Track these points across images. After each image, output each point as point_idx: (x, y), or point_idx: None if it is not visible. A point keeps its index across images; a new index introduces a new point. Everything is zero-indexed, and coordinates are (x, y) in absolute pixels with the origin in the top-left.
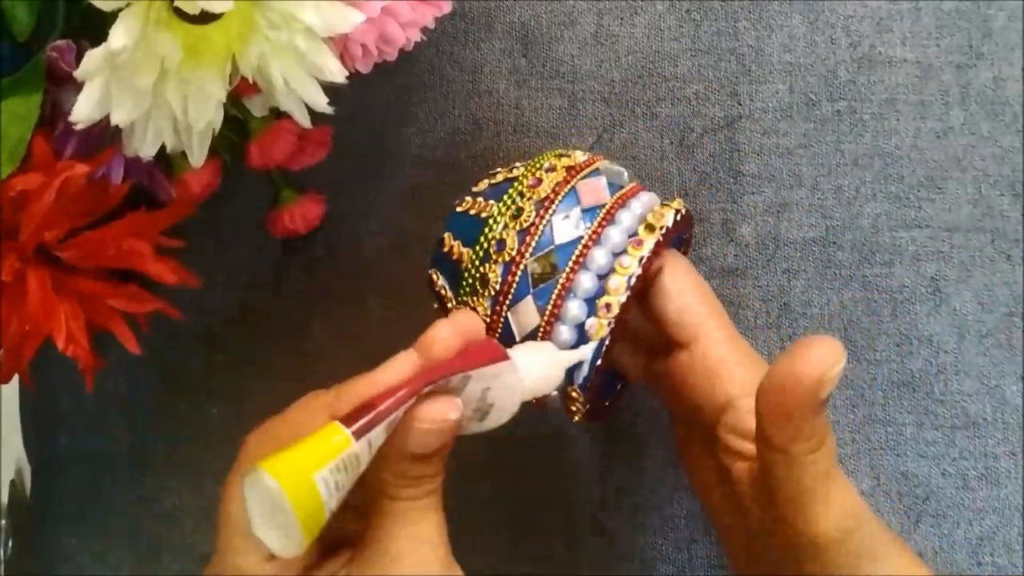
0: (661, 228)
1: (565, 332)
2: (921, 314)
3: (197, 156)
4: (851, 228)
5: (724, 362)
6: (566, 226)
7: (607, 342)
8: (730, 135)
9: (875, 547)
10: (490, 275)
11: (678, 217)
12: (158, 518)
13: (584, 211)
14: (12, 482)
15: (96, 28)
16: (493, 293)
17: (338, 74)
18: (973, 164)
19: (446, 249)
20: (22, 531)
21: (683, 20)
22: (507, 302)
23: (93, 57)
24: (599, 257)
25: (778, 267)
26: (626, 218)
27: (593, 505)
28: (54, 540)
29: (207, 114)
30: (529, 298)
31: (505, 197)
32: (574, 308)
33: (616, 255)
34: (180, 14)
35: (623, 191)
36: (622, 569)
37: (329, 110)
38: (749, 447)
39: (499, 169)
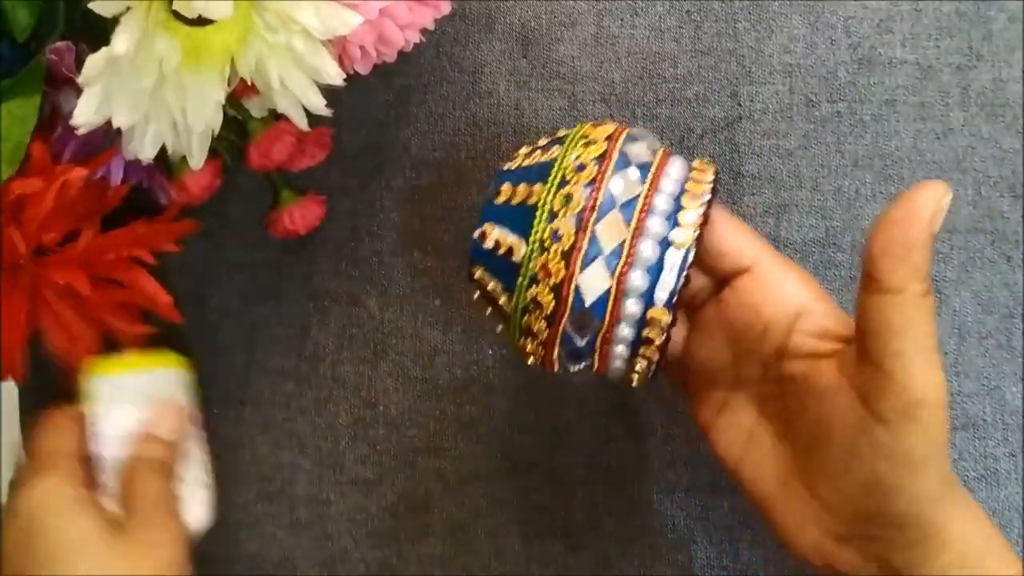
0: (714, 167)
1: (648, 249)
2: None
3: (196, 158)
4: (851, 229)
5: (791, 275)
6: (638, 153)
7: (693, 251)
8: (730, 136)
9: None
10: (573, 194)
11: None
12: None
13: (639, 167)
14: (12, 483)
15: (96, 30)
16: (578, 210)
17: (336, 76)
18: (973, 165)
19: (503, 199)
20: None
21: (683, 21)
22: (593, 217)
23: (95, 62)
24: (668, 185)
25: None
26: (680, 161)
27: (593, 507)
28: None
29: (206, 116)
30: (615, 214)
31: (570, 137)
32: (656, 224)
33: (684, 184)
34: (179, 17)
35: (661, 152)
36: (622, 569)
37: (327, 112)
38: (832, 345)
39: (541, 139)
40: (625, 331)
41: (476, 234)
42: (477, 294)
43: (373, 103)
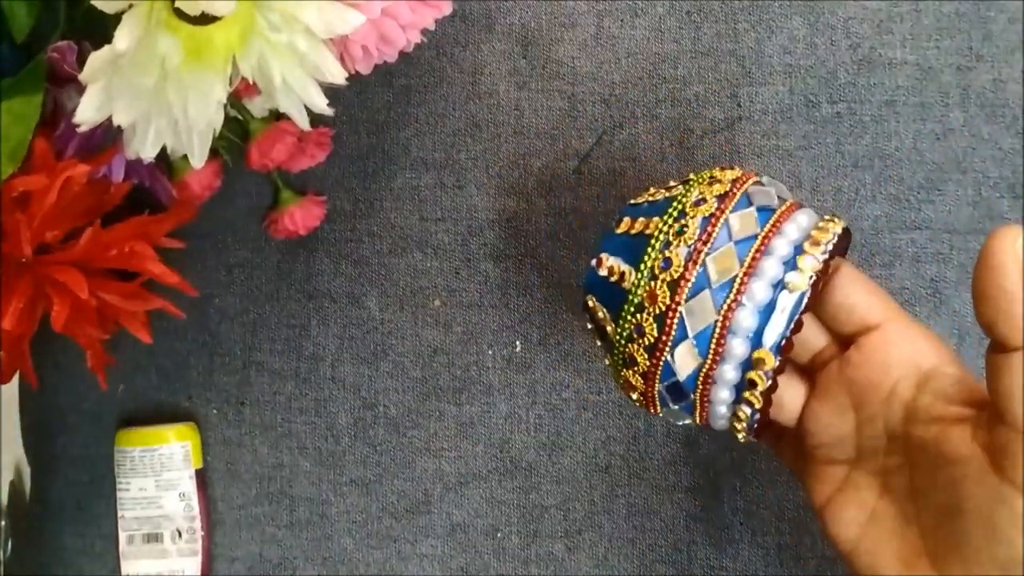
0: (838, 226)
1: (759, 290)
2: (921, 316)
3: (198, 157)
4: (851, 230)
5: (921, 334)
6: (762, 197)
7: (808, 297)
8: (730, 137)
9: None
10: (688, 225)
11: (845, 228)
12: None
13: (759, 210)
14: (12, 483)
15: (97, 29)
16: (691, 241)
17: (338, 75)
18: (973, 166)
19: (623, 228)
20: (22, 532)
21: (683, 22)
22: (706, 248)
23: (97, 59)
24: (792, 231)
25: None
26: (808, 212)
27: (593, 507)
28: (53, 541)
29: (208, 115)
30: (729, 249)
31: (694, 179)
32: (771, 267)
33: (807, 234)
34: (181, 15)
35: (789, 203)
36: (622, 569)
37: (329, 111)
38: (961, 411)
39: (652, 189)
40: (729, 372)
41: (593, 262)
42: (589, 324)
43: (373, 103)
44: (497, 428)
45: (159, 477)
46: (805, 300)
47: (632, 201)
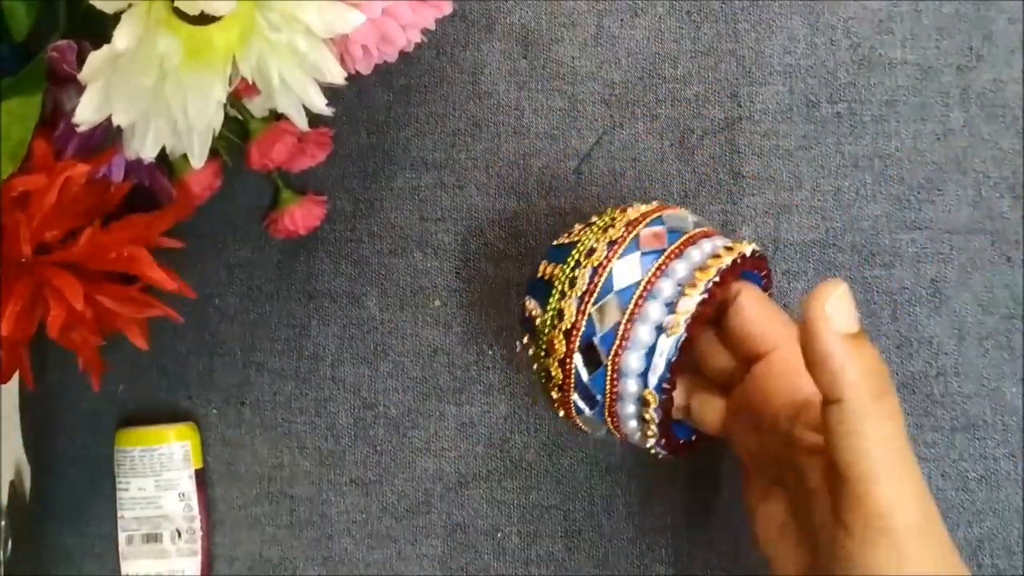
0: (739, 251)
1: (643, 332)
2: (921, 316)
3: (197, 157)
4: (851, 230)
5: (802, 364)
6: (650, 240)
7: (682, 339)
8: (730, 137)
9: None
10: (578, 277)
11: (755, 253)
12: None
13: (669, 231)
14: (12, 483)
15: (97, 29)
16: (579, 293)
17: (338, 75)
18: (973, 166)
19: (540, 273)
20: (22, 532)
21: (683, 22)
22: (591, 300)
23: (96, 59)
24: (681, 270)
25: (778, 269)
26: (708, 245)
27: (593, 507)
28: (54, 541)
29: (207, 115)
30: (612, 298)
31: (597, 221)
32: (654, 311)
33: (698, 270)
34: (180, 15)
35: (703, 229)
36: (622, 570)
37: (328, 112)
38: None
39: (592, 217)
40: (629, 408)
41: (521, 302)
42: (528, 355)
43: (373, 103)
44: (497, 428)
45: (159, 477)
46: (680, 342)
47: (556, 241)
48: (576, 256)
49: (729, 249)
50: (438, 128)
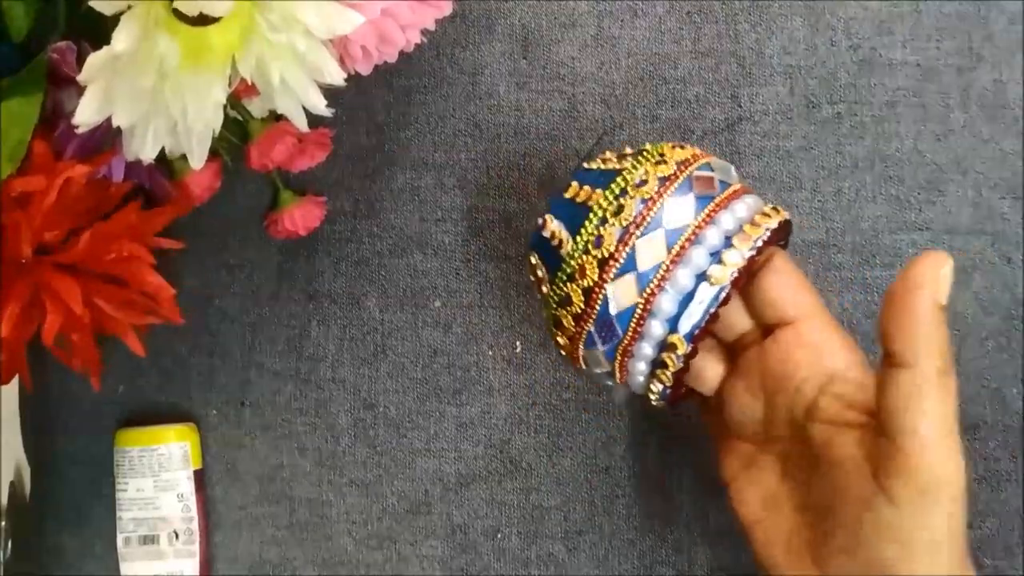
0: (782, 215)
1: (684, 276)
2: None
3: (197, 158)
4: (851, 231)
5: (834, 336)
6: (703, 184)
7: (726, 292)
8: (730, 137)
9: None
10: (626, 205)
11: (787, 220)
12: None
13: (719, 181)
14: (11, 483)
15: (97, 29)
16: (625, 223)
17: (337, 76)
18: (973, 167)
19: (570, 194)
20: (21, 532)
21: (684, 22)
22: (638, 232)
23: (95, 60)
24: (727, 221)
25: None
26: (751, 200)
27: (593, 508)
28: (53, 542)
29: (207, 116)
30: (660, 235)
31: (644, 153)
32: (698, 256)
33: (742, 225)
34: (180, 16)
35: (743, 185)
36: (622, 571)
37: (328, 112)
38: (857, 416)
39: (627, 148)
40: (646, 349)
41: (539, 221)
42: (531, 278)
43: (373, 104)
44: (497, 429)
45: (157, 477)
46: (723, 294)
47: (585, 165)
48: (623, 184)
49: (774, 211)
50: (438, 128)
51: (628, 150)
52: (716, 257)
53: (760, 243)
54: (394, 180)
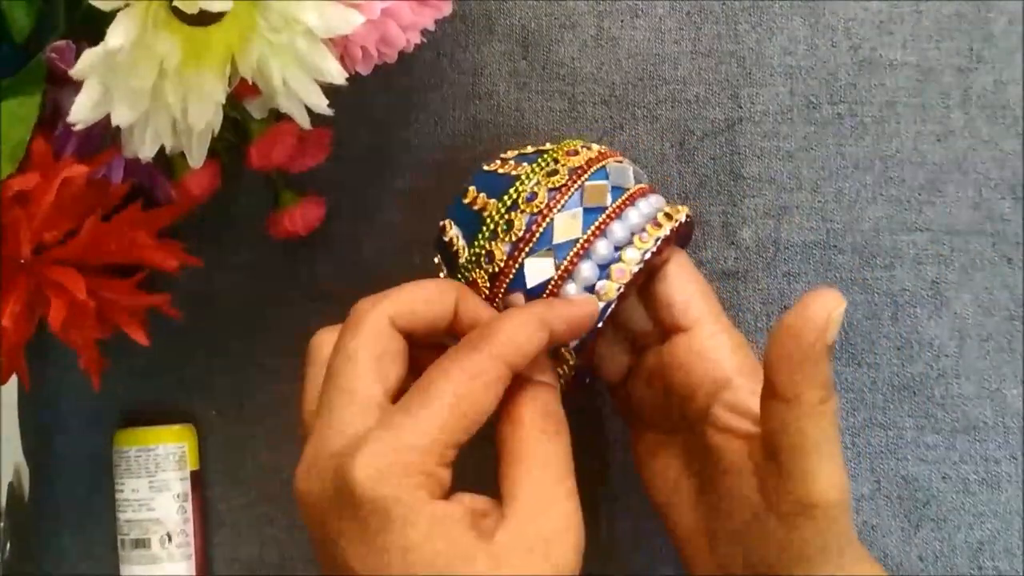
0: (677, 219)
1: (573, 291)
2: (922, 317)
3: (196, 157)
4: (851, 231)
5: (726, 344)
6: (594, 194)
7: (613, 306)
8: (730, 138)
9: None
10: (515, 221)
11: (687, 219)
12: None
13: (612, 187)
14: (11, 484)
15: (97, 29)
16: (515, 239)
17: (338, 76)
18: (974, 167)
19: (468, 200)
20: (21, 533)
21: (684, 23)
22: (527, 249)
23: (89, 56)
24: (618, 231)
25: (778, 270)
26: (645, 205)
27: (594, 508)
28: (53, 542)
29: (206, 115)
30: (548, 251)
31: (539, 160)
32: (587, 270)
33: (634, 233)
34: (179, 15)
35: (641, 186)
36: (622, 570)
37: (329, 112)
38: (746, 425)
39: (528, 147)
40: None
41: (440, 224)
42: (439, 273)
43: (373, 104)
44: (495, 428)
45: (153, 478)
46: (611, 309)
47: (485, 167)
48: (514, 196)
49: (667, 217)
50: (438, 129)
51: (529, 148)
52: (605, 271)
53: (648, 256)
54: (394, 181)
